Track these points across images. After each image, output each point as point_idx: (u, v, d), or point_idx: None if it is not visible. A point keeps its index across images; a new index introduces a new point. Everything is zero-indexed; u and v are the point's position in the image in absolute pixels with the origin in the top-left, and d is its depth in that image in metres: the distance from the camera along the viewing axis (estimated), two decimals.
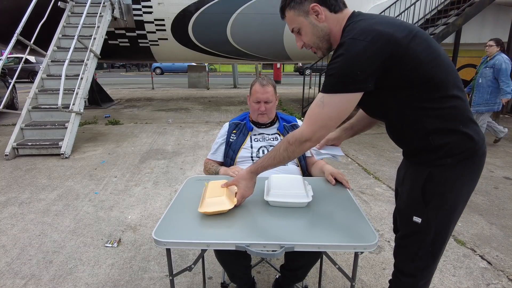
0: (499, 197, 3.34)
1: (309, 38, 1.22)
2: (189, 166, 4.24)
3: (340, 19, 1.17)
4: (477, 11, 5.94)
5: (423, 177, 1.16)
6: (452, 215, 1.19)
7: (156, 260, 2.24)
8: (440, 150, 1.13)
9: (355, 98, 1.11)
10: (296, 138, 1.21)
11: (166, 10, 7.39)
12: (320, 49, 1.25)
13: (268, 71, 25.67)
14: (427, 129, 1.13)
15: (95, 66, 5.81)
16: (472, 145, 1.14)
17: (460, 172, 1.15)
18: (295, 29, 1.24)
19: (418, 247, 1.23)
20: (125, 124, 6.83)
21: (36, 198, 3.23)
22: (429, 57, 1.08)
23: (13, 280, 2.02)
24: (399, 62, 1.06)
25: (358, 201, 1.45)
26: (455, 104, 1.12)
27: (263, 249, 1.11)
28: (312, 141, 1.19)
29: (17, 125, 4.82)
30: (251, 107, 1.89)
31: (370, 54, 1.04)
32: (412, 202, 1.21)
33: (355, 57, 1.05)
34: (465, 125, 1.13)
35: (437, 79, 1.08)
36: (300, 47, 1.29)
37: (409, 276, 1.29)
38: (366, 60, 1.05)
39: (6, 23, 6.44)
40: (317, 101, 1.15)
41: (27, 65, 14.41)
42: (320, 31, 1.19)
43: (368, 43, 1.04)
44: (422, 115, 1.12)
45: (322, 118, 1.15)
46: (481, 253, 2.36)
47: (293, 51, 8.57)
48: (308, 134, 1.18)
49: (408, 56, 1.05)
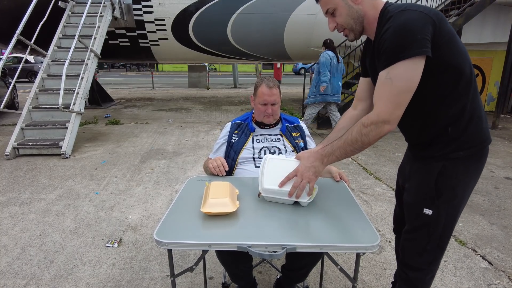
0: (500, 197, 3.34)
1: (344, 19, 1.22)
2: (190, 166, 4.24)
3: (376, 4, 1.19)
4: (478, 11, 5.93)
5: (437, 170, 1.20)
6: (459, 209, 1.24)
7: (157, 260, 2.24)
8: (453, 143, 1.17)
9: (420, 63, 1.07)
10: (371, 121, 1.14)
11: (166, 10, 7.39)
12: (353, 31, 1.24)
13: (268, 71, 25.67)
14: (448, 118, 1.16)
15: (95, 66, 5.81)
16: (483, 140, 1.19)
17: (470, 167, 1.20)
18: (330, 10, 1.24)
19: (428, 240, 1.26)
20: (126, 124, 6.83)
21: (36, 198, 3.23)
22: (458, 46, 1.12)
23: (14, 280, 2.02)
24: (438, 41, 1.07)
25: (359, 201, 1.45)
26: (475, 96, 1.17)
27: (265, 250, 1.11)
28: (391, 123, 1.12)
29: (18, 125, 4.81)
30: (257, 108, 1.87)
31: (425, 21, 1.05)
32: (423, 195, 1.24)
33: (411, 21, 1.06)
34: (480, 118, 1.18)
35: (463, 68, 1.12)
36: (332, 29, 1.28)
37: (417, 270, 1.32)
38: (422, 26, 1.05)
39: (6, 23, 6.44)
40: (382, 80, 1.12)
41: (26, 65, 14.41)
42: (355, 12, 1.20)
43: (421, 12, 1.06)
44: (448, 103, 1.15)
45: (396, 94, 1.10)
46: (482, 253, 2.36)
47: (293, 51, 8.57)
48: (386, 115, 1.11)
49: (444, 39, 1.08)
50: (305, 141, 1.94)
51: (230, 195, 1.33)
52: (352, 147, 1.20)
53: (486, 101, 8.30)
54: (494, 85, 8.10)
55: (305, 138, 1.95)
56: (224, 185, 1.39)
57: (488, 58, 7.91)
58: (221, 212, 1.26)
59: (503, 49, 7.52)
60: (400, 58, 1.07)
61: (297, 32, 7.85)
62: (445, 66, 1.11)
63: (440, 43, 1.07)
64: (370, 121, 1.14)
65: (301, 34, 7.91)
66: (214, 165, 1.71)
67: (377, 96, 1.15)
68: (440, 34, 1.07)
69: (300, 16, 7.54)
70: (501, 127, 6.57)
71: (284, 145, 1.87)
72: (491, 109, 7.95)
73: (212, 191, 1.34)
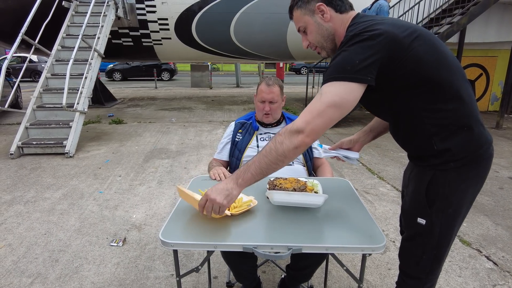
0: (505, 197, 3.32)
1: (314, 37, 1.22)
2: (193, 165, 4.24)
3: (345, 20, 1.18)
4: (482, 10, 5.89)
5: (427, 179, 1.15)
6: (457, 218, 1.18)
7: (161, 260, 2.25)
8: (443, 155, 1.11)
9: (355, 89, 1.05)
10: (286, 128, 1.09)
11: (169, 10, 7.40)
12: (324, 48, 1.24)
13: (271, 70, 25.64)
14: (429, 131, 1.11)
15: (99, 65, 5.83)
16: (476, 148, 1.12)
17: (465, 175, 1.13)
18: (301, 28, 1.24)
19: (423, 250, 1.22)
20: (129, 123, 6.85)
21: (41, 197, 3.25)
22: (432, 57, 1.06)
23: (19, 279, 2.04)
24: (399, 61, 1.04)
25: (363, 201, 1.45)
26: (459, 106, 1.09)
27: (271, 250, 1.11)
28: (306, 133, 1.05)
29: (22, 124, 4.84)
30: (257, 106, 1.89)
31: (370, 46, 1.03)
32: (416, 203, 1.21)
33: (355, 48, 1.04)
34: (470, 127, 1.10)
35: (440, 80, 1.07)
36: (305, 47, 1.28)
37: (415, 278, 1.29)
38: (365, 51, 1.03)
39: (10, 22, 6.47)
40: (317, 95, 1.11)
41: (29, 64, 14.46)
42: (325, 30, 1.19)
43: (369, 37, 1.04)
44: (425, 116, 1.10)
45: (319, 107, 1.05)
46: (487, 253, 2.35)
47: (296, 50, 8.56)
48: (301, 124, 1.06)
49: (410, 57, 1.04)
50: None
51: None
52: (267, 159, 1.09)
53: (490, 100, 8.25)
54: (498, 84, 8.06)
55: None
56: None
57: (492, 57, 7.87)
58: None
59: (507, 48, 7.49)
60: (335, 79, 1.05)
61: None
62: (416, 79, 1.06)
63: (403, 58, 1.04)
64: (285, 129, 1.09)
65: None
66: (214, 173, 1.70)
67: (307, 107, 1.11)
68: (408, 49, 1.03)
69: None
70: (505, 127, 6.53)
71: None
72: (495, 109, 7.92)
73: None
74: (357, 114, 8.05)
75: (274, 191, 1.34)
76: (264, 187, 1.49)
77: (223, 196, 1.12)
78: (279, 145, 1.08)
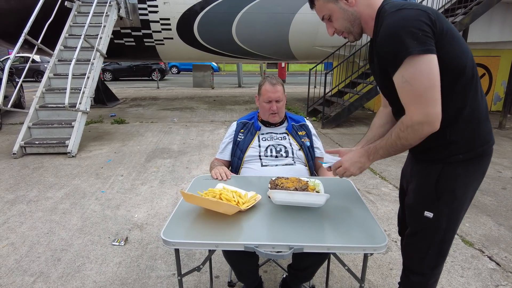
0: (507, 197, 3.31)
1: (341, 24, 1.23)
2: (195, 165, 4.25)
3: (372, 3, 1.17)
4: (485, 9, 5.87)
5: (436, 173, 1.18)
6: (461, 212, 1.22)
7: (163, 259, 2.25)
8: (452, 146, 1.14)
9: (431, 58, 1.02)
10: (407, 125, 1.09)
11: (171, 9, 7.41)
12: (352, 33, 1.24)
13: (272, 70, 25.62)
14: (446, 120, 1.10)
15: (101, 65, 5.85)
16: (482, 143, 1.16)
17: (471, 170, 1.17)
18: (326, 16, 1.24)
19: (429, 244, 1.24)
20: (131, 123, 6.86)
21: (43, 196, 3.26)
22: (458, 47, 1.08)
23: (22, 278, 2.05)
24: (436, 42, 1.04)
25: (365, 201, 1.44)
26: (475, 98, 1.13)
27: (272, 250, 1.11)
28: (429, 123, 1.06)
29: (25, 124, 4.86)
30: (262, 107, 1.88)
31: (422, 18, 1.02)
32: (424, 197, 1.23)
33: (408, 20, 1.03)
34: (480, 121, 1.14)
35: (460, 69, 1.09)
36: (331, 34, 1.29)
37: (419, 274, 1.30)
38: (420, 22, 1.01)
39: (13, 23, 6.50)
40: (400, 84, 1.08)
41: (32, 64, 14.51)
42: (351, 15, 1.20)
43: (418, 9, 1.04)
44: (445, 104, 1.09)
45: (419, 94, 1.04)
46: (489, 254, 2.34)
47: (298, 50, 8.55)
48: (419, 117, 1.06)
49: (442, 41, 1.05)
50: (311, 140, 1.93)
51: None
52: (394, 149, 1.19)
53: (493, 100, 8.22)
54: (501, 84, 8.02)
55: (311, 137, 1.95)
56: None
57: (495, 57, 7.83)
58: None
59: (510, 48, 7.46)
60: (406, 56, 1.02)
61: (302, 31, 7.84)
62: (443, 66, 1.05)
63: (439, 41, 1.04)
64: (406, 126, 1.10)
65: (306, 33, 7.89)
66: (216, 172, 1.71)
67: (403, 101, 1.10)
68: (439, 32, 1.04)
69: (305, 15, 7.52)
70: (508, 127, 6.50)
71: (290, 143, 1.87)
72: (498, 109, 7.88)
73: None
74: (359, 114, 8.03)
75: (276, 190, 1.34)
76: (266, 186, 1.49)
77: (357, 167, 1.28)
78: (404, 140, 1.13)
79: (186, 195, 1.29)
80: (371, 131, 1.48)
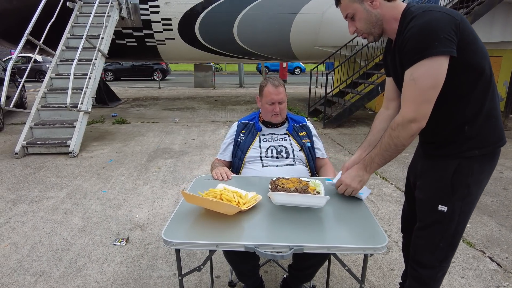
0: (509, 198, 3.30)
1: (363, 24, 1.26)
2: (196, 165, 4.25)
3: (396, 5, 1.21)
4: (487, 9, 5.86)
5: (453, 168, 1.21)
6: (472, 206, 1.26)
7: (164, 259, 2.26)
8: (469, 142, 1.18)
9: (444, 62, 1.08)
10: (397, 123, 1.18)
11: (173, 10, 7.42)
12: (372, 34, 1.28)
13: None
14: (466, 117, 1.17)
15: (102, 65, 5.86)
16: (498, 139, 1.20)
17: (485, 166, 1.21)
18: (349, 15, 1.27)
19: (441, 237, 1.27)
20: (132, 123, 6.87)
21: (45, 196, 3.27)
22: (477, 47, 1.13)
23: (24, 277, 2.05)
24: (460, 44, 1.09)
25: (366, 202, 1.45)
26: (493, 96, 1.18)
27: (272, 250, 1.11)
28: (418, 120, 1.14)
29: (27, 124, 4.88)
30: (264, 108, 1.87)
31: (448, 21, 1.07)
32: (438, 192, 1.25)
33: (434, 21, 1.07)
34: (497, 118, 1.19)
35: (482, 69, 1.14)
36: (351, 33, 1.32)
37: (429, 268, 1.33)
38: (446, 26, 1.07)
39: (16, 23, 6.52)
40: (407, 80, 1.14)
41: (34, 64, 14.56)
42: (374, 16, 1.23)
43: (444, 13, 1.08)
44: (466, 103, 1.16)
45: (420, 92, 1.12)
46: (490, 255, 2.34)
47: (299, 50, 8.55)
48: (411, 114, 1.14)
49: (466, 43, 1.10)
50: (312, 141, 1.93)
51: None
52: (388, 152, 1.24)
53: None
54: (503, 84, 7.99)
55: (312, 138, 1.95)
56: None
57: (497, 57, 7.80)
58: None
59: None
60: (422, 56, 1.08)
61: (304, 31, 7.84)
62: (466, 66, 1.12)
63: (463, 43, 1.09)
64: (396, 124, 1.18)
65: (308, 33, 7.89)
66: (217, 172, 1.71)
67: (403, 97, 1.17)
68: (463, 35, 1.08)
69: (307, 15, 7.53)
70: (510, 127, 6.49)
71: (291, 144, 1.87)
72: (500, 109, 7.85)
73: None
74: (360, 114, 8.03)
75: (276, 192, 1.35)
76: (266, 186, 1.50)
77: (357, 181, 1.36)
78: (396, 140, 1.20)
79: (187, 196, 1.29)
80: (372, 134, 1.51)
